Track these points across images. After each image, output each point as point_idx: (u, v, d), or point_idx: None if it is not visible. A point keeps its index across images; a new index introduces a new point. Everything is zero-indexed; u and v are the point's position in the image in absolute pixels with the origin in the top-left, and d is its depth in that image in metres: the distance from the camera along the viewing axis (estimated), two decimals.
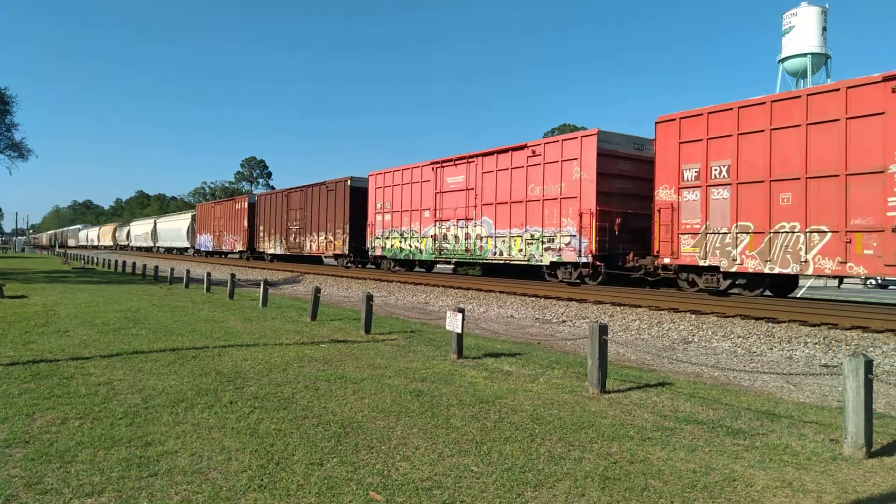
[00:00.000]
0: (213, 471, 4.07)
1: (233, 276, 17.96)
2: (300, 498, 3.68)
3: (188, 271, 22.45)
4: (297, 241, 31.72)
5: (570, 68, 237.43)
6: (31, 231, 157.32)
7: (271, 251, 35.35)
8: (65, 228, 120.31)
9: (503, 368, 7.82)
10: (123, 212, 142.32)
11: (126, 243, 74.43)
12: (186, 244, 52.05)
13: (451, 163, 21.47)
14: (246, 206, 39.09)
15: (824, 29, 65.74)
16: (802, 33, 65.75)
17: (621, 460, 4.43)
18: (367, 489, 3.82)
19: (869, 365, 4.59)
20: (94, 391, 6.10)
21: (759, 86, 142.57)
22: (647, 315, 12.64)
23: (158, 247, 61.47)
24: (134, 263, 32.44)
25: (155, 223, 63.13)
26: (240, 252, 40.10)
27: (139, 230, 68.94)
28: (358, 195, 26.84)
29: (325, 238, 29.07)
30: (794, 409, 6.20)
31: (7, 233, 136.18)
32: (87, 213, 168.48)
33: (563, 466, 4.28)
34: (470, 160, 20.61)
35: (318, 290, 13.06)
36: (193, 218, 50.73)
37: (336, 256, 28.80)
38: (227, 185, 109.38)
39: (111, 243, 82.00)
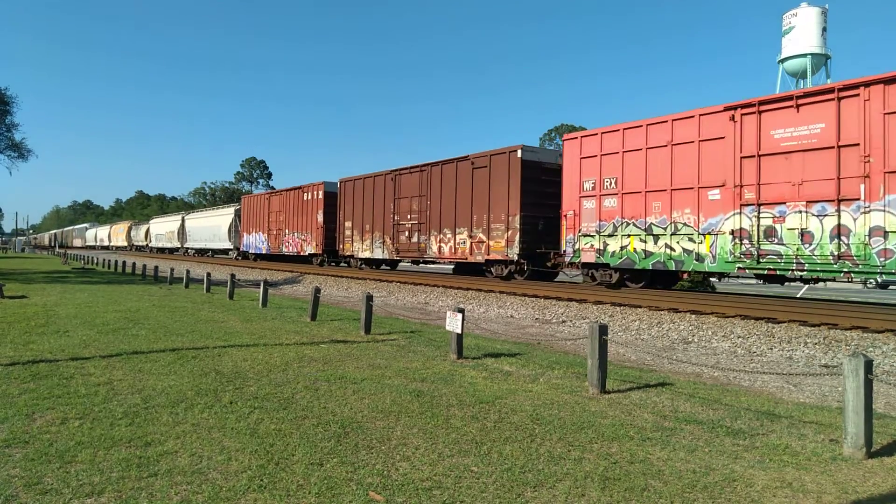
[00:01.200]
0: (212, 471, 4.07)
1: (232, 276, 17.96)
2: (300, 498, 3.68)
3: (188, 271, 22.44)
4: (415, 240, 22.82)
5: (570, 68, 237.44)
6: (30, 231, 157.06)
7: (365, 254, 26.18)
8: (70, 227, 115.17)
9: (503, 369, 7.82)
10: (123, 212, 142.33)
11: (144, 244, 65.29)
12: (228, 245, 42.74)
13: (779, 104, 12.59)
14: (321, 195, 29.61)
15: (824, 29, 65.78)
16: (802, 34, 65.78)
17: (621, 460, 4.43)
18: (367, 489, 3.82)
19: (869, 365, 4.59)
20: (93, 391, 6.10)
21: (758, 86, 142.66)
22: (647, 315, 12.63)
23: (188, 248, 51.79)
24: (134, 263, 32.42)
25: (183, 220, 53.16)
26: (311, 255, 30.94)
27: (162, 228, 59.36)
28: (532, 173, 18.46)
29: (469, 236, 20.23)
30: (794, 409, 6.20)
31: (7, 233, 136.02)
32: (87, 213, 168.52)
33: (563, 466, 4.28)
34: (842, 94, 11.59)
35: (317, 291, 13.05)
36: (237, 213, 41.16)
37: (490, 263, 19.93)
38: (227, 185, 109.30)
39: (125, 244, 72.61)
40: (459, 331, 8.38)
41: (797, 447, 4.81)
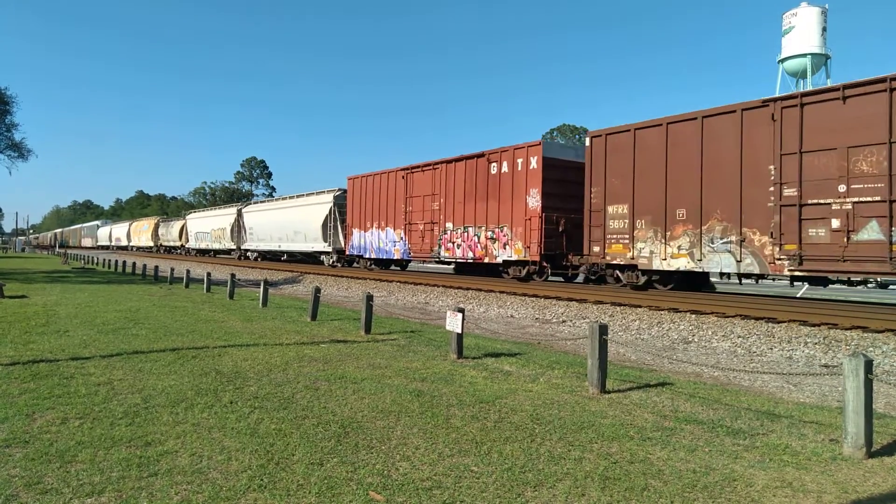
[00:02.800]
0: (213, 471, 4.07)
1: (233, 276, 17.97)
2: (300, 498, 3.68)
3: (188, 271, 22.45)
4: (881, 233, 10.98)
5: (569, 67, 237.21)
6: (31, 231, 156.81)
7: (677, 262, 14.23)
8: (78, 225, 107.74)
9: (503, 368, 7.82)
10: (123, 212, 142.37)
11: (178, 244, 53.72)
12: (321, 246, 30.27)
13: None
14: (536, 163, 17.50)
15: (824, 29, 65.75)
16: (802, 34, 65.74)
17: (621, 460, 4.43)
18: (367, 489, 3.82)
19: (869, 365, 4.59)
20: (94, 391, 6.10)
21: (758, 86, 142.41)
22: (647, 315, 12.63)
23: (248, 250, 39.56)
24: (134, 263, 32.41)
25: (240, 214, 40.51)
26: (509, 263, 18.92)
27: (206, 225, 46.59)
28: None
29: None
30: (794, 409, 6.20)
31: (7, 233, 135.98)
32: (88, 212, 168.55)
33: (563, 466, 4.28)
34: None
35: (317, 290, 13.05)
36: (338, 201, 28.85)
37: None
38: (227, 185, 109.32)
39: (150, 244, 61.35)
40: (459, 330, 8.38)
41: (797, 447, 4.82)
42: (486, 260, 19.58)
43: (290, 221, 33.04)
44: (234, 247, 41.24)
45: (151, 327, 10.83)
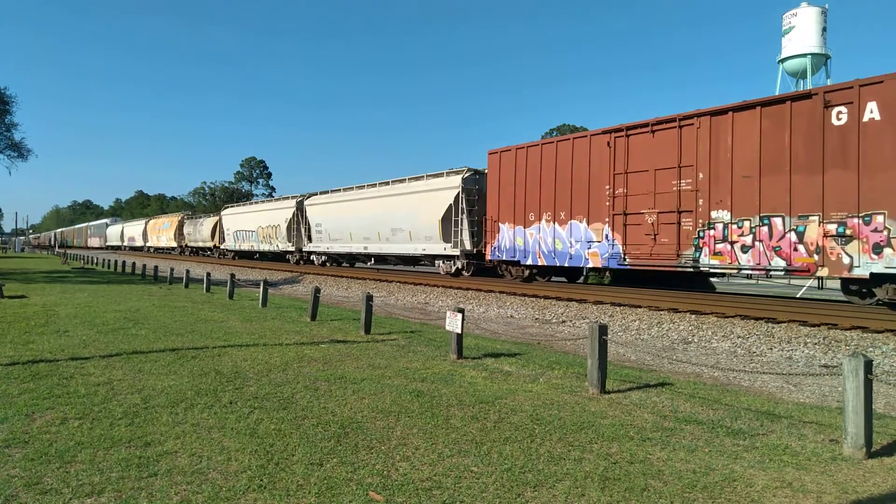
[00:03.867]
0: (212, 471, 4.06)
1: (232, 276, 17.96)
2: (300, 498, 3.68)
3: (188, 271, 22.45)
4: None
5: (569, 69, 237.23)
6: (30, 231, 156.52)
7: None
8: (83, 224, 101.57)
9: (503, 369, 7.82)
10: (123, 211, 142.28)
11: (209, 245, 45.45)
12: (437, 248, 21.71)
13: None
14: None
15: (824, 29, 65.76)
16: (802, 34, 65.75)
17: (621, 460, 4.43)
18: (367, 489, 3.82)
19: (869, 365, 4.59)
20: (93, 391, 6.10)
21: (758, 86, 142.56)
22: (646, 315, 12.63)
23: (313, 252, 31.56)
24: (133, 263, 32.41)
25: (301, 207, 32.09)
26: (879, 280, 11.29)
27: (250, 222, 37.88)
28: None
29: None
30: (794, 409, 6.20)
31: (7, 233, 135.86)
32: (87, 212, 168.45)
33: (563, 467, 4.27)
34: None
35: (317, 291, 13.05)
36: (466, 185, 20.57)
37: None
38: (227, 185, 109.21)
39: (173, 244, 53.15)
40: (459, 331, 8.38)
41: (797, 447, 4.81)
42: (823, 272, 11.85)
43: (384, 215, 24.47)
44: (291, 248, 33.04)
45: (151, 327, 10.82)
